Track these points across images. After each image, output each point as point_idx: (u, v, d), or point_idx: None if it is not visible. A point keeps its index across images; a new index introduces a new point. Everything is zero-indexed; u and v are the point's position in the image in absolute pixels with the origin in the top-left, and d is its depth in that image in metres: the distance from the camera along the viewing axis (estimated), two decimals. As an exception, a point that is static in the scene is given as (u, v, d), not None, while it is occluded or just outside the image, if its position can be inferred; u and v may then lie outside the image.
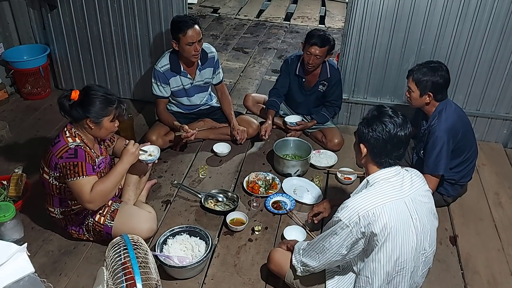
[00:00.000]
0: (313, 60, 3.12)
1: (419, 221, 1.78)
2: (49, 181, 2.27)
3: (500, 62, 3.23)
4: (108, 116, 2.22)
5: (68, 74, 3.97)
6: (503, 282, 2.40)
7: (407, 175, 1.85)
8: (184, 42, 2.93)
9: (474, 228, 2.75)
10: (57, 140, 2.23)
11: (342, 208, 1.76)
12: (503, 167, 3.32)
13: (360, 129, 1.86)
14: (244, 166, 3.19)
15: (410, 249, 1.76)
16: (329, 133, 3.36)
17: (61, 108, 2.22)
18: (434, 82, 2.52)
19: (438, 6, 3.09)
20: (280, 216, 2.75)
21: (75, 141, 2.21)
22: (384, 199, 1.73)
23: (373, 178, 1.82)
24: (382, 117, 1.80)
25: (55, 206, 2.36)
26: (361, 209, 1.71)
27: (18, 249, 1.71)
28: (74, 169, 2.15)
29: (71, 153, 2.16)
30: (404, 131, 1.79)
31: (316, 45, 3.06)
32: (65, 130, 2.25)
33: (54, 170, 2.22)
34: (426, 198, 1.86)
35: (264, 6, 6.93)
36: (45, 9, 3.66)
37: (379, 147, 1.79)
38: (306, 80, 3.32)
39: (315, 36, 3.08)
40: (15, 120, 3.61)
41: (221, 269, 2.39)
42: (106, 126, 2.25)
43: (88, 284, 2.24)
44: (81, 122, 2.22)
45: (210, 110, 3.44)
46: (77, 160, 2.15)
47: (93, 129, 2.23)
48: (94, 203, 2.19)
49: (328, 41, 3.09)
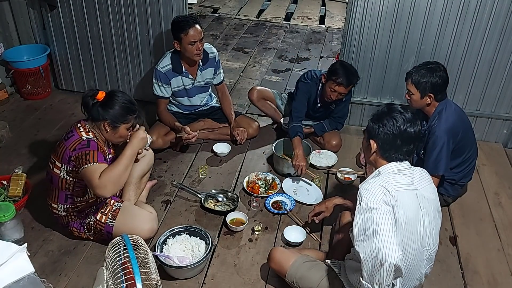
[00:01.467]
0: (337, 97, 3.00)
1: (426, 215, 1.79)
2: (59, 175, 2.28)
3: (500, 62, 3.23)
4: (126, 124, 2.27)
5: (68, 74, 3.97)
6: (503, 282, 2.40)
7: (417, 170, 1.86)
8: (186, 41, 2.93)
9: (474, 228, 2.75)
10: (70, 134, 2.26)
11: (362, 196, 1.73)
12: (503, 167, 3.32)
13: (370, 125, 1.87)
14: (244, 166, 3.19)
15: (416, 240, 1.76)
16: (327, 135, 3.35)
17: (84, 105, 2.27)
18: (434, 83, 2.51)
19: (438, 6, 3.09)
20: (280, 216, 2.75)
21: (88, 135, 2.25)
22: (397, 187, 1.73)
23: (384, 168, 1.82)
24: (392, 112, 1.81)
25: (59, 202, 2.35)
26: (380, 188, 1.71)
27: (18, 249, 1.71)
28: (86, 157, 2.16)
29: (83, 144, 2.20)
30: (414, 128, 1.80)
31: (342, 85, 2.92)
32: (79, 125, 2.28)
33: (67, 164, 2.23)
34: (433, 195, 1.87)
35: (264, 6, 6.93)
36: (45, 9, 3.66)
37: (389, 142, 1.80)
38: (322, 105, 3.24)
39: (342, 75, 2.89)
40: (15, 120, 3.61)
41: (221, 269, 2.39)
42: (121, 133, 2.28)
43: (88, 284, 2.24)
44: (99, 122, 2.26)
45: (210, 111, 3.44)
46: (89, 149, 2.19)
47: (108, 132, 2.27)
48: (105, 189, 2.12)
49: (355, 79, 2.95)
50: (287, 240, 2.52)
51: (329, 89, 2.99)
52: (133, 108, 2.28)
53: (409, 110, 1.83)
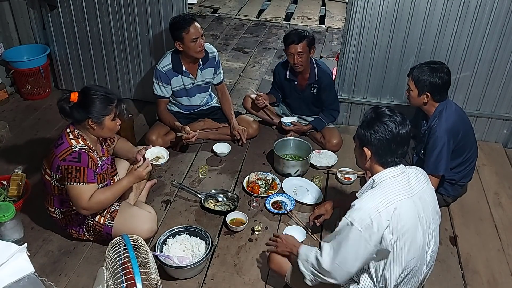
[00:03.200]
0: (296, 59, 3.11)
1: (425, 219, 1.78)
2: (50, 182, 2.27)
3: (500, 62, 3.23)
4: (109, 115, 2.22)
5: (68, 74, 3.97)
6: (503, 282, 2.40)
7: (412, 172, 1.85)
8: (188, 39, 2.92)
9: (474, 228, 2.75)
10: (60, 141, 2.22)
11: (353, 210, 1.74)
12: (503, 167, 3.32)
13: (361, 133, 1.84)
14: (244, 166, 3.19)
15: (417, 248, 1.76)
16: (328, 134, 3.35)
17: (61, 111, 2.21)
18: (432, 83, 2.51)
19: (438, 6, 3.09)
20: (280, 216, 2.75)
21: (79, 144, 2.20)
22: (393, 198, 1.71)
23: (379, 177, 1.81)
24: (381, 117, 1.79)
25: (55, 206, 2.36)
26: (372, 211, 1.68)
27: (18, 249, 1.71)
28: (76, 173, 2.15)
29: (74, 156, 2.16)
30: (405, 128, 1.79)
31: (293, 43, 3.07)
32: (68, 131, 2.24)
33: (56, 172, 2.22)
34: (431, 196, 1.86)
35: (264, 6, 6.92)
36: (45, 9, 3.66)
37: (383, 148, 1.78)
38: (298, 82, 3.32)
39: (290, 35, 3.11)
40: (15, 120, 3.61)
41: (221, 269, 2.39)
42: (108, 125, 2.24)
43: (88, 284, 2.24)
44: (83, 123, 2.21)
45: (210, 110, 3.44)
46: (80, 165, 2.16)
47: (95, 129, 2.23)
48: (89, 211, 2.23)
49: (304, 36, 3.09)
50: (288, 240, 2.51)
51: (289, 57, 3.16)
52: (111, 97, 2.21)
53: (397, 112, 1.82)
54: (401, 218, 1.70)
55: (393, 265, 1.74)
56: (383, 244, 1.71)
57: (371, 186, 1.83)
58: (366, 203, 1.72)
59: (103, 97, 2.19)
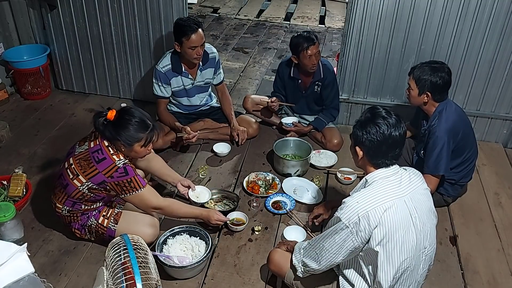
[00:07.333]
0: (316, 59, 3.13)
1: (418, 219, 1.78)
2: (78, 187, 2.23)
3: (500, 62, 3.23)
4: (138, 142, 2.20)
5: (68, 74, 3.97)
6: (503, 282, 2.40)
7: (405, 174, 1.85)
8: (187, 46, 2.92)
9: (474, 228, 2.75)
10: (101, 156, 2.18)
11: (342, 207, 1.77)
12: (503, 167, 3.32)
13: (355, 132, 1.86)
14: (244, 166, 3.19)
15: (410, 248, 1.76)
16: (329, 133, 3.36)
17: (95, 125, 2.21)
18: (433, 82, 2.51)
19: (438, 6, 3.09)
20: (280, 216, 2.75)
21: (120, 159, 2.19)
22: (383, 199, 1.73)
23: (371, 177, 1.83)
24: (376, 118, 1.80)
25: (65, 205, 2.32)
26: (361, 210, 1.71)
27: (18, 249, 1.71)
28: (130, 184, 2.20)
29: (121, 172, 2.17)
30: (399, 131, 1.79)
31: (312, 45, 3.08)
32: (107, 145, 2.20)
33: (98, 184, 2.20)
34: (425, 196, 1.86)
35: (264, 6, 6.93)
36: (45, 9, 3.67)
37: (374, 149, 1.80)
38: (302, 81, 3.33)
39: (305, 38, 3.09)
40: (15, 120, 3.61)
41: (221, 269, 2.39)
42: (137, 150, 2.24)
43: (88, 284, 2.24)
44: (114, 141, 2.20)
45: (210, 111, 3.44)
46: (129, 176, 2.19)
47: (124, 150, 2.23)
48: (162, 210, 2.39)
49: (315, 35, 3.13)
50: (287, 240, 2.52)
51: (307, 59, 3.12)
52: (145, 124, 2.19)
53: (393, 114, 1.81)
54: (391, 219, 1.71)
55: (386, 266, 1.75)
56: (371, 244, 1.73)
57: (364, 186, 1.85)
58: (355, 201, 1.74)
59: (137, 124, 2.17)
